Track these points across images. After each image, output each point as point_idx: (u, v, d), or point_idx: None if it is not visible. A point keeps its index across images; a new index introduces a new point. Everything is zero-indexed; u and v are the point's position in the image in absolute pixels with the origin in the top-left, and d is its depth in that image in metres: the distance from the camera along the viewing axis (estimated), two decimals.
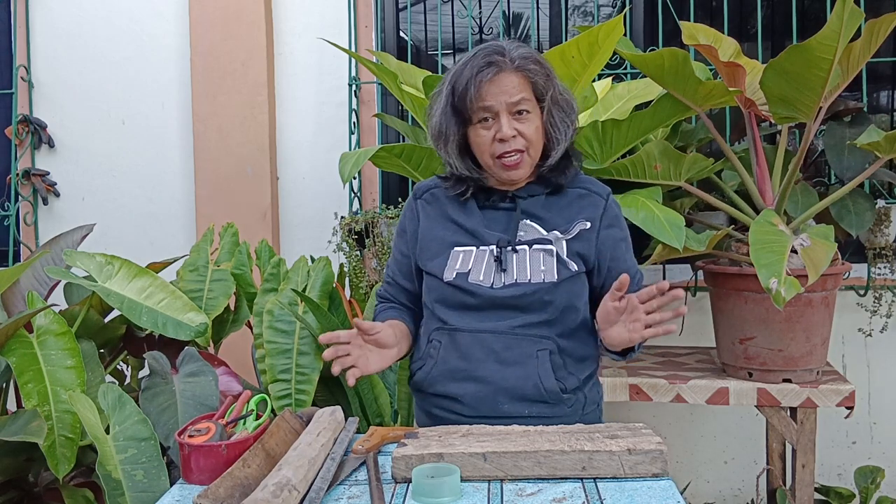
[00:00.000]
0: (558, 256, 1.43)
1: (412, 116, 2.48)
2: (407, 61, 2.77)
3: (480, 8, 3.16)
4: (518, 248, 1.44)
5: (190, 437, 1.23)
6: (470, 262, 1.45)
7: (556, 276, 1.42)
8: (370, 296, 2.33)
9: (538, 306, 1.42)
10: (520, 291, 1.41)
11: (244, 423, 1.30)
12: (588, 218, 1.47)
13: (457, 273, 1.44)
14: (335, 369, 1.35)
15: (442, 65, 3.09)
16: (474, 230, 1.47)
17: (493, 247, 1.44)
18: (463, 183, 1.49)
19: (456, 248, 1.47)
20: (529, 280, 1.41)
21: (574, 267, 1.44)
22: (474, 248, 1.46)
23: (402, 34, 3.16)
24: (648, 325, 1.31)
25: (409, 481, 1.15)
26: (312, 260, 2.28)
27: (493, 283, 1.42)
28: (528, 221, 1.47)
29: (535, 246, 1.44)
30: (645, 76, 2.23)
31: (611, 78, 2.53)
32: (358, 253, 2.73)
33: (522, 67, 1.39)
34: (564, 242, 1.45)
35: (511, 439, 1.20)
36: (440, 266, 1.46)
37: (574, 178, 1.51)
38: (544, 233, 1.45)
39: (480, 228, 1.47)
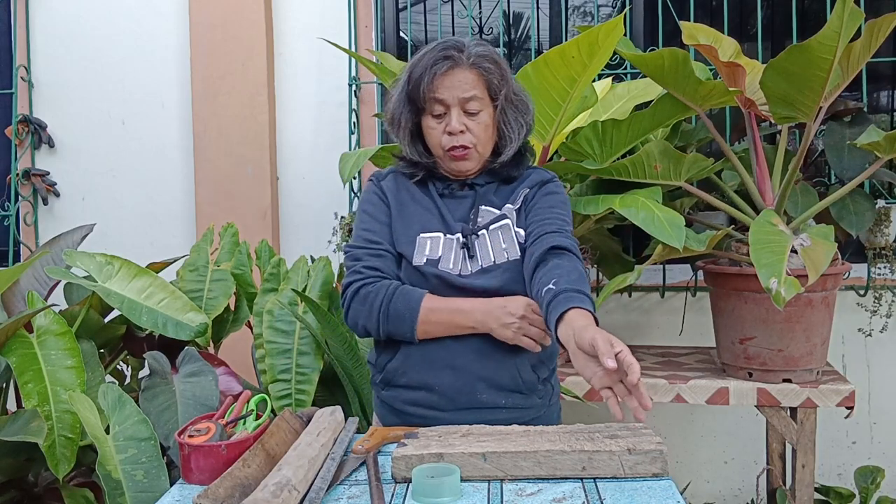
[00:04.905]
0: (514, 230, 1.45)
1: None
2: (407, 61, 2.77)
3: (480, 8, 3.16)
4: (479, 232, 1.44)
5: (190, 437, 1.23)
6: (439, 249, 1.43)
7: (517, 253, 1.43)
8: None
9: (510, 286, 1.40)
10: (489, 276, 1.40)
11: (244, 423, 1.30)
12: (529, 186, 1.50)
13: (427, 259, 1.42)
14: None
15: None
16: (442, 216, 1.47)
17: (459, 235, 1.44)
18: (415, 166, 1.51)
19: (422, 235, 1.45)
20: (494, 261, 1.42)
21: (522, 235, 1.45)
22: (441, 235, 1.44)
23: (402, 34, 3.16)
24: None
25: (409, 481, 1.15)
26: (312, 260, 2.28)
27: (460, 272, 1.42)
28: (483, 207, 1.48)
29: (492, 226, 1.45)
30: (645, 76, 2.23)
31: (611, 78, 2.53)
32: None
33: (478, 65, 1.41)
34: (514, 212, 1.47)
35: (511, 439, 1.20)
36: (409, 250, 1.44)
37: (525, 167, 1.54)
38: (498, 211, 1.47)
39: (447, 215, 1.47)
